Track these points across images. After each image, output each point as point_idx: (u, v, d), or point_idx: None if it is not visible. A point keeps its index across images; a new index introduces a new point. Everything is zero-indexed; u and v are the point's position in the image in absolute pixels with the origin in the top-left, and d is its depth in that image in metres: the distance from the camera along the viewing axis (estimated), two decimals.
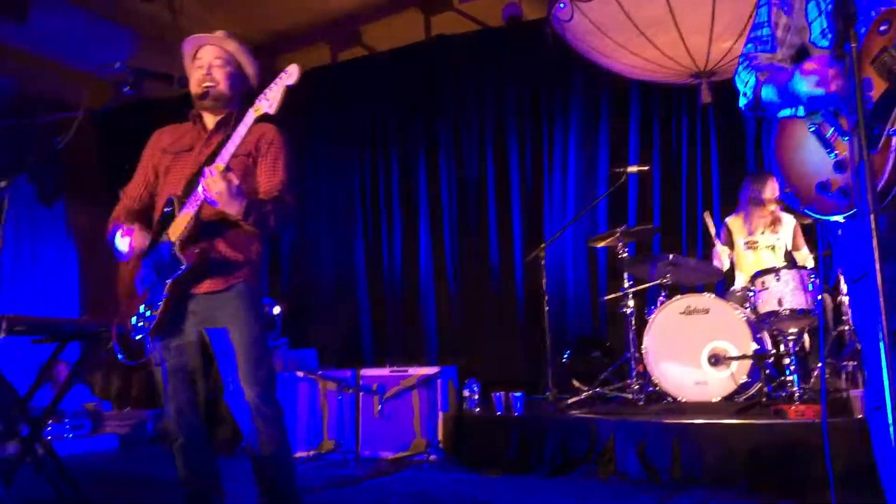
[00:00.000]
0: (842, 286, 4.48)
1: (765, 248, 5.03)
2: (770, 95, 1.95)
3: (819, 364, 4.38)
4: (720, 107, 5.64)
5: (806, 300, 4.16)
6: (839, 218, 1.78)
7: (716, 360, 4.47)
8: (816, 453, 2.91)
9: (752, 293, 4.38)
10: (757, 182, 5.01)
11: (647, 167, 5.65)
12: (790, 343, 4.18)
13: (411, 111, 7.07)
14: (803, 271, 4.25)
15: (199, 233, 2.41)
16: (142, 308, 2.46)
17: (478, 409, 4.87)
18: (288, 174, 2.55)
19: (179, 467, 2.54)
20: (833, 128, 1.82)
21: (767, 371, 4.33)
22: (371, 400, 5.13)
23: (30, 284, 7.50)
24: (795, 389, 4.04)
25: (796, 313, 4.16)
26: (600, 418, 4.19)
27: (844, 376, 4.30)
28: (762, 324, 4.42)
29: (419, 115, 7.03)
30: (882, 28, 1.74)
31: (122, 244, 2.49)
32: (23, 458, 3.91)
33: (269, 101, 2.28)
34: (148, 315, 2.43)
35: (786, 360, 4.18)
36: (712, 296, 4.69)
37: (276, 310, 5.88)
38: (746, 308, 4.54)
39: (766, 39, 2.05)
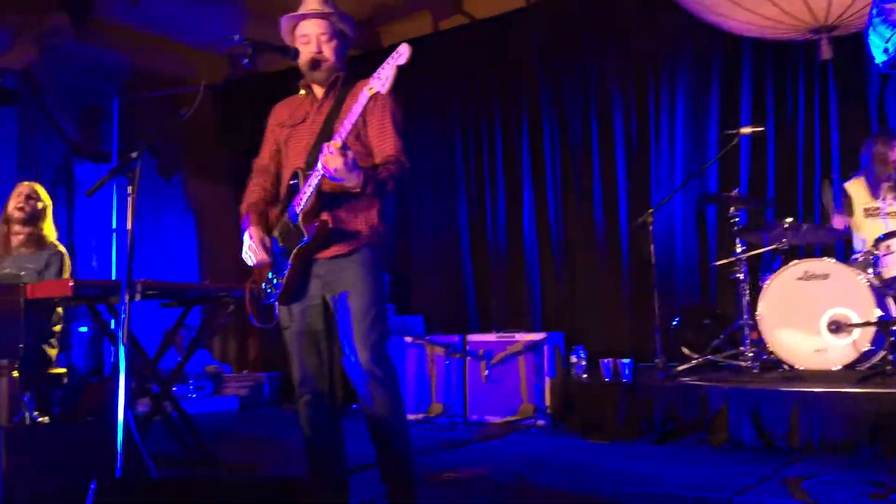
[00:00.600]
0: None
1: (889, 215, 4.70)
2: None
3: None
4: (841, 64, 5.34)
5: None
6: None
7: (836, 327, 4.31)
8: None
9: (876, 258, 4.18)
10: (883, 141, 4.73)
11: (762, 128, 5.40)
12: None
13: (512, 77, 7.01)
14: None
15: (321, 205, 2.52)
16: (270, 274, 2.62)
17: (585, 376, 4.88)
18: (399, 135, 2.61)
19: (304, 424, 2.64)
20: None
21: (893, 339, 4.12)
22: (478, 365, 5.20)
23: (151, 255, 7.93)
24: None
25: None
26: (713, 385, 4.13)
27: None
28: (887, 289, 4.24)
29: (520, 81, 6.97)
30: None
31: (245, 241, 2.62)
32: (153, 416, 4.19)
33: (382, 81, 2.33)
34: (276, 282, 2.59)
35: None
36: (832, 260, 4.52)
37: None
38: (869, 273, 4.35)
39: None
